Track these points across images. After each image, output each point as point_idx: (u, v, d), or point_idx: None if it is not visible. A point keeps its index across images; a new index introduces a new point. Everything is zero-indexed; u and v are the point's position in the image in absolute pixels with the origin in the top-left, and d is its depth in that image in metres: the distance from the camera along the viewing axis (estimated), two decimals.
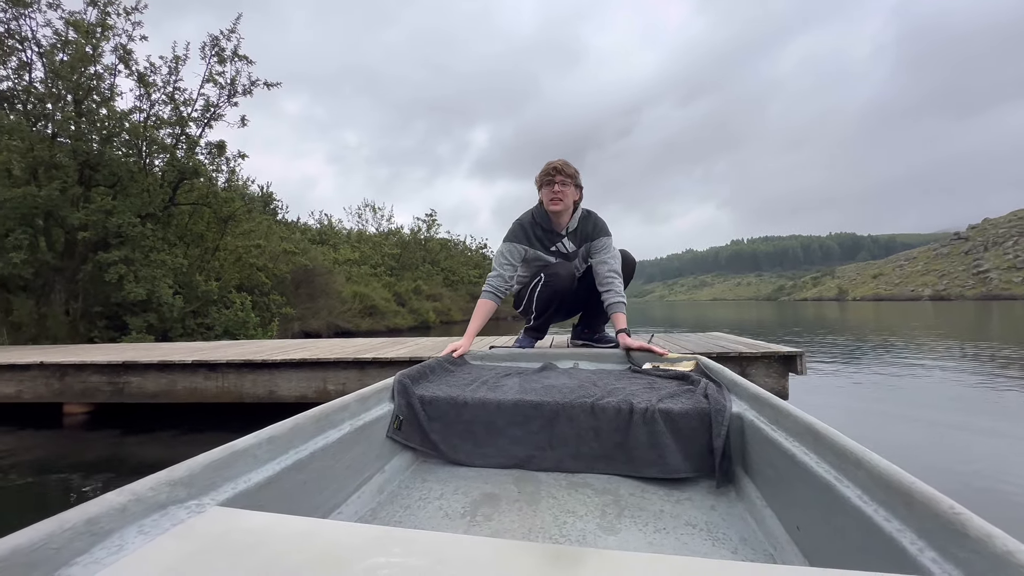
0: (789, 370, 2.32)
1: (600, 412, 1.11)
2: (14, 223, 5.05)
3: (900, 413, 2.92)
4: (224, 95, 6.43)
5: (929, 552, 0.48)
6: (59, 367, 2.80)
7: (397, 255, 17.37)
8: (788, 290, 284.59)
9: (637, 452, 1.06)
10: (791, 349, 2.29)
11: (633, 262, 2.49)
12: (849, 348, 6.76)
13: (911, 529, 0.51)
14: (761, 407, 0.99)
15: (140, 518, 0.52)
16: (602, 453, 1.09)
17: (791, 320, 16.31)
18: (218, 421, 2.75)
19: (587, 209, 2.29)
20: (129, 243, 5.59)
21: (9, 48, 5.63)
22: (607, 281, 2.22)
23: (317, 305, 9.61)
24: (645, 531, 0.84)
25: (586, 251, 2.31)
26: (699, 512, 0.91)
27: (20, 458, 2.27)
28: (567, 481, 1.05)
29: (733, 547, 0.79)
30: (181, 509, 0.56)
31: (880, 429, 2.58)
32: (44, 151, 5.15)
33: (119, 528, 0.50)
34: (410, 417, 1.17)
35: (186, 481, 0.59)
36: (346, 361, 2.56)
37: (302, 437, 0.84)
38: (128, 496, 0.52)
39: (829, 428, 0.73)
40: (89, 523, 0.47)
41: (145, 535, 0.50)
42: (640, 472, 1.05)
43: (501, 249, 2.26)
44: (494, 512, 0.91)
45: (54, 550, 0.44)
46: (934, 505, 0.49)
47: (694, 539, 0.81)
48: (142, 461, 2.28)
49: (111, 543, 0.48)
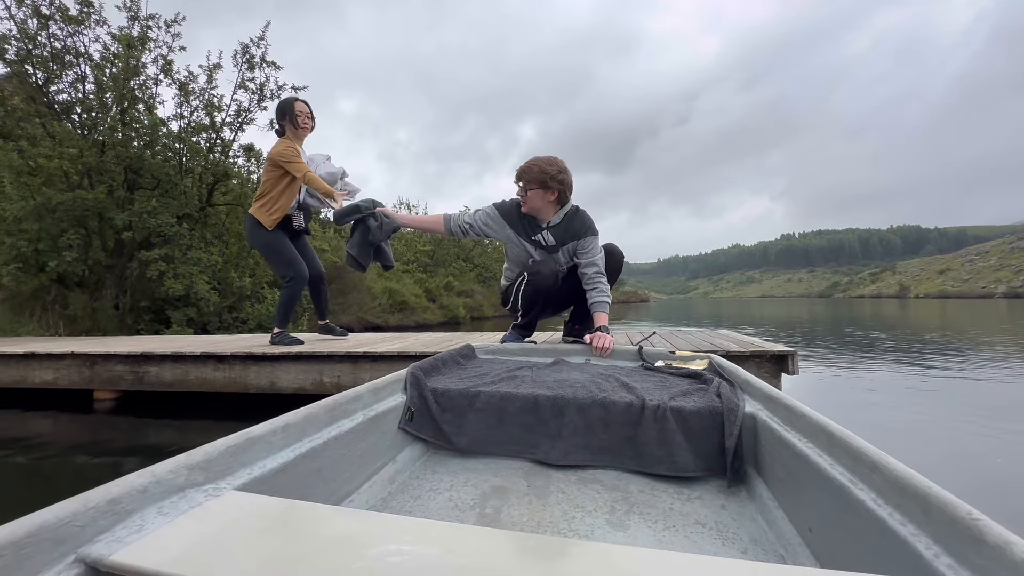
0: (781, 370, 2.21)
1: (611, 406, 1.11)
2: (67, 224, 5.51)
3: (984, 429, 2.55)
4: (254, 100, 6.74)
5: (945, 558, 0.47)
6: (89, 357, 3.04)
7: (430, 252, 17.65)
8: (843, 287, 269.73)
9: (647, 449, 1.05)
10: (783, 348, 2.19)
11: (620, 257, 2.44)
12: (922, 349, 6.33)
13: (927, 534, 0.50)
14: (775, 407, 0.98)
15: (159, 499, 0.54)
16: (610, 446, 1.09)
17: (845, 318, 15.35)
18: (228, 410, 2.91)
19: (575, 206, 2.27)
20: (169, 242, 5.98)
21: (67, 63, 6.11)
22: (592, 281, 2.22)
23: (348, 300, 9.94)
24: (654, 528, 0.84)
25: (572, 248, 2.29)
26: (709, 511, 0.90)
27: (56, 439, 2.49)
28: (577, 476, 1.05)
29: (743, 547, 0.78)
30: (199, 492, 0.57)
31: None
32: (93, 157, 5.57)
33: (140, 508, 0.52)
34: (422, 408, 1.19)
35: (203, 465, 0.61)
36: (339, 355, 2.64)
37: (316, 426, 0.86)
38: (148, 478, 0.54)
39: (844, 430, 0.72)
40: (112, 503, 0.49)
41: (164, 516, 0.51)
42: (649, 469, 1.05)
43: (486, 210, 2.32)
44: (503, 505, 0.92)
45: (78, 527, 0.46)
46: (951, 510, 0.48)
47: (703, 538, 0.81)
48: (160, 444, 2.46)
49: (132, 523, 0.50)
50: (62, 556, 0.44)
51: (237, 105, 6.84)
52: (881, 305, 37.95)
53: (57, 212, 5.37)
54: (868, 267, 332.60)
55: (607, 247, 2.38)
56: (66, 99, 6.22)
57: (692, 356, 1.73)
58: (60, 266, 5.41)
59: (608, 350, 1.82)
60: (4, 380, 3.16)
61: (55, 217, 5.40)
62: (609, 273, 2.28)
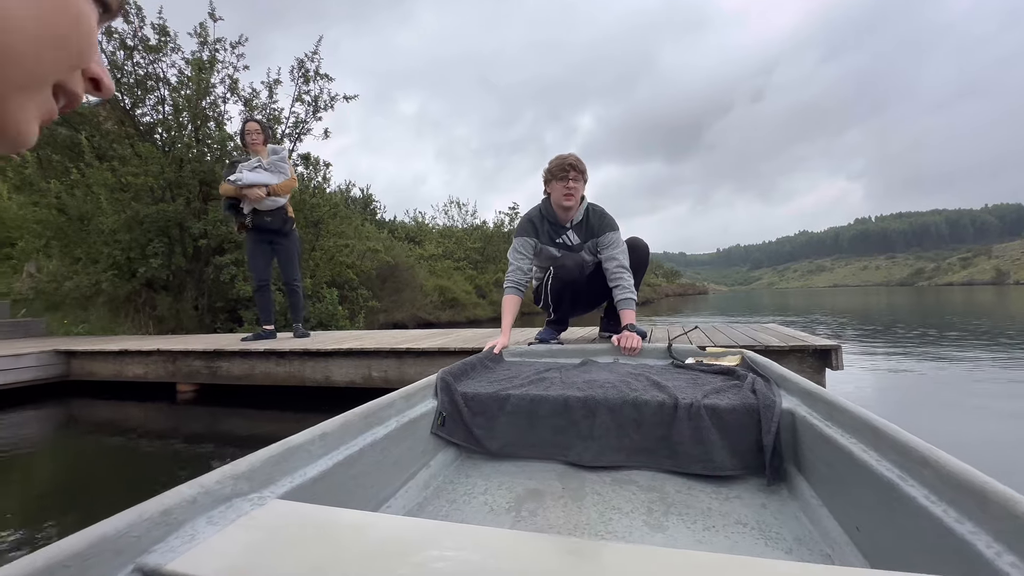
0: (825, 365, 2.12)
1: (643, 406, 1.11)
2: (153, 234, 6.13)
3: None
4: (310, 111, 7.17)
5: (1008, 556, 0.45)
6: (171, 353, 3.39)
7: (480, 248, 17.93)
8: (928, 273, 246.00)
9: (682, 448, 1.05)
10: (826, 342, 2.10)
11: (645, 251, 2.43)
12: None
13: (986, 531, 0.48)
14: (813, 402, 0.97)
15: (208, 509, 0.56)
16: (644, 446, 1.09)
17: (932, 308, 13.80)
18: (289, 402, 3.16)
19: (592, 203, 2.29)
20: (239, 247, 6.50)
21: (149, 88, 6.77)
22: (616, 277, 2.22)
23: (401, 298, 10.34)
24: (693, 529, 0.83)
25: (594, 246, 2.31)
26: (749, 510, 0.89)
27: (147, 427, 2.81)
28: (611, 477, 1.05)
29: (787, 547, 0.76)
30: (244, 501, 0.60)
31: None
32: (172, 173, 6.15)
33: (191, 519, 0.54)
34: (453, 413, 1.22)
35: (248, 475, 0.64)
36: (386, 351, 2.81)
37: (352, 433, 0.88)
38: (197, 489, 0.57)
39: (889, 424, 0.70)
40: (164, 514, 0.51)
41: (214, 525, 0.54)
42: (685, 468, 1.04)
43: (514, 245, 2.34)
44: (539, 507, 0.92)
45: (135, 538, 0.48)
46: (1013, 506, 0.46)
47: (745, 538, 0.79)
48: (232, 431, 2.72)
49: (184, 532, 0.52)
50: (122, 565, 0.46)
51: (295, 117, 7.31)
52: (974, 293, 34.24)
53: (144, 224, 5.99)
54: (958, 251, 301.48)
55: (631, 241, 2.38)
56: (149, 121, 6.90)
57: (724, 352, 1.71)
58: (148, 272, 6.04)
59: (636, 349, 1.81)
60: (104, 374, 3.61)
61: (143, 228, 6.03)
62: (634, 268, 2.26)
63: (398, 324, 10.33)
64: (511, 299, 2.24)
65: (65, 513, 1.59)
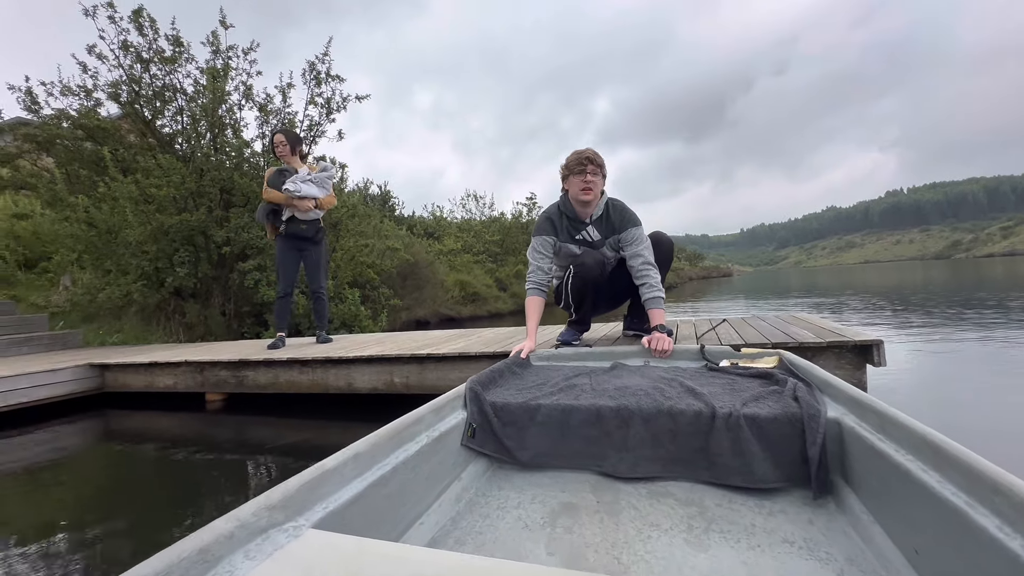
0: (866, 361, 2.00)
1: (679, 416, 1.07)
2: (179, 244, 6.26)
3: None
4: (323, 113, 7.18)
5: None
6: (199, 364, 3.45)
7: (499, 241, 17.87)
8: (966, 245, 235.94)
9: (720, 459, 1.01)
10: (867, 337, 1.97)
11: (669, 246, 2.34)
12: None
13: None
14: (863, 412, 0.91)
15: (245, 543, 0.56)
16: (680, 456, 1.06)
17: (970, 283, 13.17)
18: (314, 409, 3.18)
19: (612, 198, 2.20)
20: (261, 253, 6.59)
21: (167, 99, 6.88)
22: (642, 274, 2.14)
23: (423, 295, 10.39)
24: (737, 548, 0.79)
25: (615, 242, 2.23)
26: (795, 527, 0.85)
27: (178, 435, 2.86)
28: (647, 490, 1.02)
29: (839, 568, 0.73)
30: (280, 533, 0.60)
31: None
32: (193, 182, 6.26)
33: (228, 554, 0.54)
34: (483, 424, 1.20)
35: (282, 504, 0.64)
36: (406, 357, 2.78)
37: (383, 452, 0.88)
38: (234, 523, 0.57)
39: (952, 442, 0.65)
40: (202, 552, 0.51)
41: (252, 560, 0.54)
42: (724, 480, 1.00)
43: (533, 244, 2.29)
44: (574, 524, 0.90)
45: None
46: None
47: (793, 558, 0.76)
48: (260, 439, 2.74)
49: (222, 569, 0.52)
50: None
51: (309, 120, 7.33)
52: (1018, 264, 32.62)
53: (169, 234, 6.12)
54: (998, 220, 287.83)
55: (654, 236, 2.29)
56: (169, 131, 7.02)
57: (760, 353, 1.62)
58: (176, 280, 6.18)
59: (668, 352, 1.74)
60: (136, 385, 3.69)
61: (168, 238, 6.16)
62: (659, 264, 2.18)
63: (420, 321, 10.39)
64: (534, 300, 2.20)
65: (110, 518, 1.64)
